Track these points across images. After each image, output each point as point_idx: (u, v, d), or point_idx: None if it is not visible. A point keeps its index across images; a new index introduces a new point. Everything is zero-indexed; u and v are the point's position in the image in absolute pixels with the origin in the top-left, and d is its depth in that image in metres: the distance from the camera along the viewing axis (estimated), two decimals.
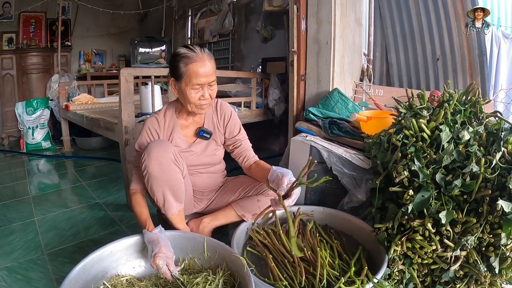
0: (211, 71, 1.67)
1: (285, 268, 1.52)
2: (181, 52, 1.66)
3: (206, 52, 1.68)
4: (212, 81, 1.70)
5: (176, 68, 1.67)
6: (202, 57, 1.64)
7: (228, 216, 1.91)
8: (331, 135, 2.25)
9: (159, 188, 1.65)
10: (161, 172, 1.61)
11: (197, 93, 1.68)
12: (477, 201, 1.45)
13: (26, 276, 1.84)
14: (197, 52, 1.65)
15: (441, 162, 1.51)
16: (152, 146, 1.63)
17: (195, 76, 1.63)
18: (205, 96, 1.69)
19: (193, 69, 1.63)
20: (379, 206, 1.71)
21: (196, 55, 1.64)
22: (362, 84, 3.01)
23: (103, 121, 3.29)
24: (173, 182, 1.66)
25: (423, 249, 1.45)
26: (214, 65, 1.71)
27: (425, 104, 1.78)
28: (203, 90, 1.68)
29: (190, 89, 1.66)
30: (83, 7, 6.06)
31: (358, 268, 1.50)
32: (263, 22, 4.37)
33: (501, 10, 2.94)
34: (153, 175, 1.61)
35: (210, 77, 1.67)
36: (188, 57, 1.64)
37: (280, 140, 4.34)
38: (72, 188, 3.32)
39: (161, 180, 1.63)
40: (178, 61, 1.66)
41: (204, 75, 1.64)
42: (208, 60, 1.66)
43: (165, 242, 1.46)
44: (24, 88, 5.88)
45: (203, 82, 1.65)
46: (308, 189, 2.11)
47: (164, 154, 1.62)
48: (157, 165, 1.60)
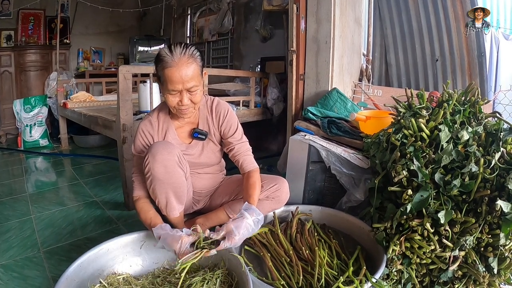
0: (189, 77, 1.53)
1: (283, 268, 1.52)
2: (160, 54, 1.56)
3: (188, 54, 1.54)
4: (192, 87, 1.56)
5: (156, 70, 1.61)
6: (178, 62, 1.51)
7: (220, 218, 1.89)
8: (330, 135, 2.25)
9: (163, 191, 1.62)
10: (165, 174, 1.58)
11: (174, 98, 1.58)
12: (476, 201, 1.45)
13: (22, 274, 1.82)
14: (175, 55, 1.52)
15: (440, 162, 1.51)
16: (157, 148, 1.58)
17: (170, 81, 1.53)
18: (183, 102, 1.57)
19: (167, 74, 1.52)
20: (377, 206, 1.70)
21: (171, 60, 1.51)
22: (361, 84, 3.00)
23: (101, 118, 3.28)
24: (177, 185, 1.63)
25: (422, 249, 1.45)
26: (197, 69, 1.57)
27: (425, 104, 1.77)
28: (181, 96, 1.57)
29: (167, 94, 1.58)
30: (82, 4, 6.03)
31: (356, 267, 1.50)
32: (263, 22, 4.38)
33: (501, 12, 2.94)
34: (157, 178, 1.58)
35: (187, 83, 1.53)
36: (165, 61, 1.52)
37: (278, 140, 4.35)
38: (69, 186, 3.30)
39: (165, 183, 1.60)
40: (157, 64, 1.58)
41: (179, 82, 1.52)
42: (187, 64, 1.52)
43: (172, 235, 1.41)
44: (22, 85, 5.85)
45: (178, 88, 1.54)
46: (306, 188, 2.11)
47: (169, 157, 1.58)
48: (162, 168, 1.56)
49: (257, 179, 1.70)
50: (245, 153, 1.79)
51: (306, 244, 1.62)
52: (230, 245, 1.36)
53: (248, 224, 1.41)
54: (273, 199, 1.81)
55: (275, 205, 1.84)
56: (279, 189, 1.82)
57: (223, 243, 1.35)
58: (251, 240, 1.69)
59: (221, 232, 1.38)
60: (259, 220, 1.46)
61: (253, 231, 1.43)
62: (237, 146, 1.79)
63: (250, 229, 1.42)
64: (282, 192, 1.83)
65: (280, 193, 1.82)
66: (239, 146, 1.79)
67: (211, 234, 1.38)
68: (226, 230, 1.38)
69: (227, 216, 1.86)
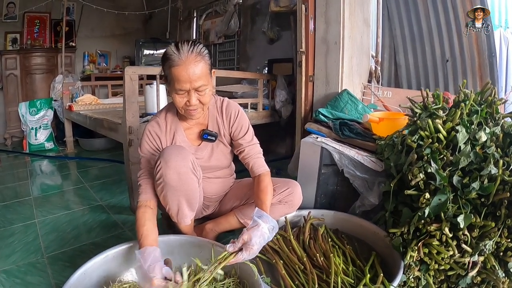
0: (197, 76, 1.47)
1: (297, 276, 1.47)
2: (167, 53, 1.50)
3: (196, 52, 1.49)
4: (200, 86, 1.50)
5: (163, 69, 1.56)
6: (186, 60, 1.46)
7: (230, 223, 1.85)
8: (342, 137, 2.19)
9: (175, 198, 1.56)
10: (179, 182, 1.52)
11: (182, 98, 1.53)
12: (495, 204, 1.41)
13: (25, 280, 1.78)
14: (183, 53, 1.47)
15: (458, 164, 1.46)
16: (169, 153, 1.51)
17: (177, 81, 1.47)
18: (191, 102, 1.51)
19: (174, 73, 1.47)
20: (392, 210, 1.65)
21: (179, 58, 1.46)
22: (370, 86, 2.95)
23: (107, 121, 3.25)
24: (190, 192, 1.58)
25: (440, 254, 1.40)
26: (205, 68, 1.52)
27: (441, 104, 1.72)
28: (189, 96, 1.51)
29: (175, 94, 1.52)
30: (88, 8, 6.05)
31: (372, 274, 1.44)
32: (269, 23, 4.33)
33: (509, 12, 2.90)
34: (170, 185, 1.52)
35: (195, 82, 1.48)
36: (171, 59, 1.47)
37: (286, 142, 4.30)
38: (75, 190, 3.27)
39: (178, 190, 1.54)
40: (164, 63, 1.53)
41: (187, 81, 1.47)
42: (194, 63, 1.47)
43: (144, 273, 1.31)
44: (27, 88, 5.85)
45: (186, 88, 1.48)
46: (318, 192, 2.06)
47: (183, 163, 1.51)
48: (175, 175, 1.50)
49: (269, 183, 1.64)
50: (255, 156, 1.73)
51: (320, 251, 1.57)
52: (248, 256, 1.30)
53: (264, 232, 1.35)
54: (285, 203, 1.76)
55: (287, 210, 1.79)
56: (292, 193, 1.76)
57: (241, 255, 1.29)
58: (263, 246, 1.64)
59: (238, 243, 1.31)
60: (273, 227, 1.40)
61: (268, 239, 1.38)
62: (248, 148, 1.73)
63: (266, 237, 1.36)
64: (295, 196, 1.77)
65: (293, 197, 1.77)
66: (250, 148, 1.73)
67: (228, 246, 1.32)
68: (243, 241, 1.32)
69: (237, 221, 1.81)
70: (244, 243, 1.32)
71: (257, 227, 1.35)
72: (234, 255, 1.29)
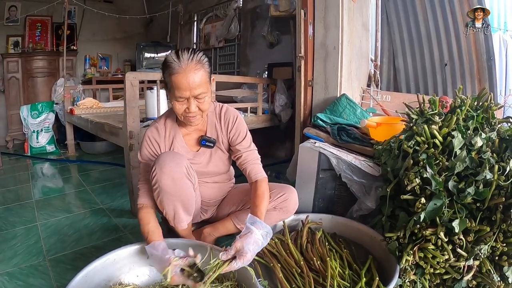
0: (196, 84, 1.48)
1: (294, 279, 1.48)
2: (167, 60, 1.51)
3: (196, 60, 1.50)
4: (200, 94, 1.51)
5: (163, 76, 1.57)
6: (186, 68, 1.47)
7: (227, 228, 1.85)
8: (340, 142, 2.21)
9: (170, 203, 1.59)
10: (173, 187, 1.54)
11: (182, 105, 1.54)
12: (490, 209, 1.42)
13: (27, 282, 1.80)
14: (183, 61, 1.48)
15: (454, 169, 1.48)
16: (164, 159, 1.54)
17: (177, 88, 1.49)
18: (190, 109, 1.53)
19: (174, 81, 1.48)
20: (389, 214, 1.67)
21: (179, 66, 1.47)
22: (369, 90, 2.97)
23: (108, 125, 3.28)
24: (185, 197, 1.60)
25: (435, 258, 1.41)
26: (205, 75, 1.53)
27: (437, 109, 1.74)
28: (188, 103, 1.52)
29: (175, 101, 1.54)
30: (89, 11, 6.07)
31: (368, 278, 1.46)
32: (269, 28, 4.37)
33: (508, 14, 2.90)
34: (165, 190, 1.54)
35: (195, 90, 1.49)
36: (171, 67, 1.48)
37: (286, 146, 4.32)
38: (76, 193, 3.29)
39: (173, 195, 1.56)
40: (164, 70, 1.54)
41: (187, 88, 1.48)
42: (194, 71, 1.48)
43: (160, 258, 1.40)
44: (29, 91, 5.88)
45: (186, 95, 1.50)
46: (316, 196, 2.08)
47: (177, 169, 1.54)
48: (170, 180, 1.52)
49: (266, 189, 1.65)
50: (253, 162, 1.73)
51: (317, 254, 1.59)
52: (242, 264, 1.31)
53: (257, 238, 1.36)
54: (280, 210, 1.76)
55: (282, 216, 1.80)
56: (287, 199, 1.76)
57: (235, 263, 1.30)
58: (261, 250, 1.65)
59: (230, 251, 1.33)
60: (267, 233, 1.42)
61: (262, 245, 1.39)
62: (245, 154, 1.73)
63: (260, 243, 1.38)
64: (290, 202, 1.77)
65: (288, 204, 1.77)
66: (247, 154, 1.73)
67: (221, 254, 1.33)
68: (236, 248, 1.33)
69: (234, 226, 1.83)
70: (237, 250, 1.33)
71: (250, 234, 1.37)
72: (228, 263, 1.31)
